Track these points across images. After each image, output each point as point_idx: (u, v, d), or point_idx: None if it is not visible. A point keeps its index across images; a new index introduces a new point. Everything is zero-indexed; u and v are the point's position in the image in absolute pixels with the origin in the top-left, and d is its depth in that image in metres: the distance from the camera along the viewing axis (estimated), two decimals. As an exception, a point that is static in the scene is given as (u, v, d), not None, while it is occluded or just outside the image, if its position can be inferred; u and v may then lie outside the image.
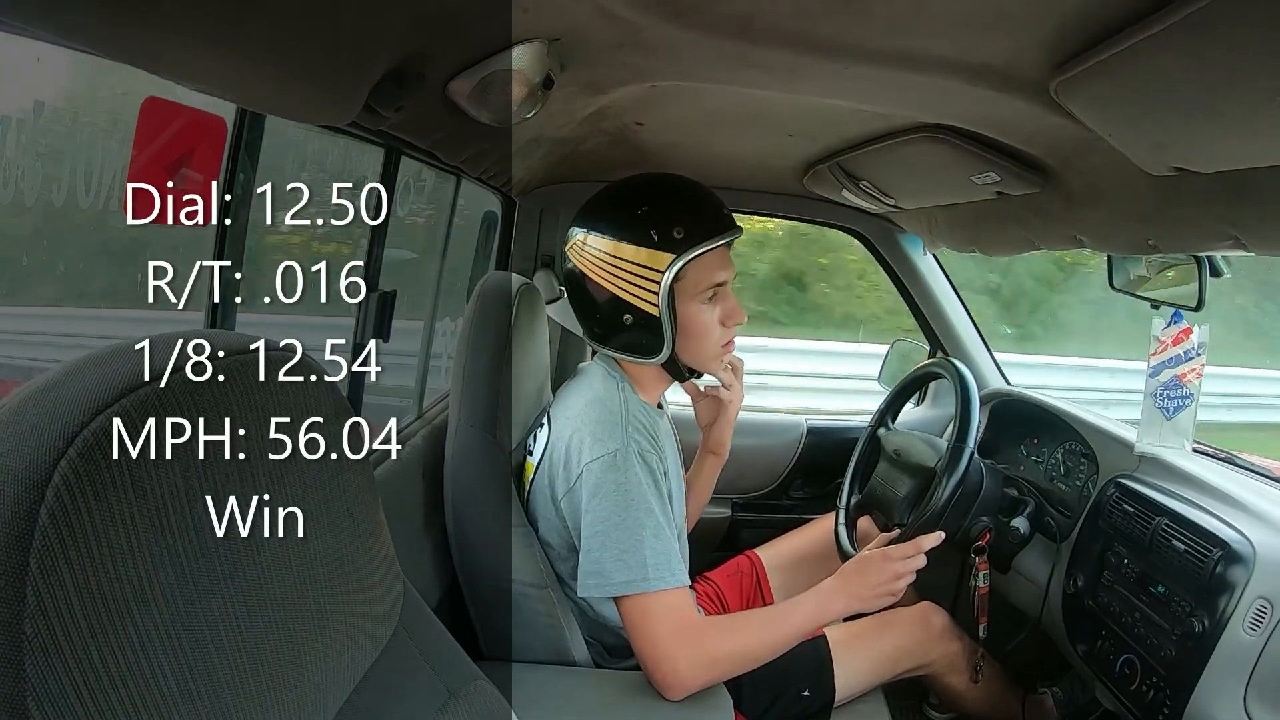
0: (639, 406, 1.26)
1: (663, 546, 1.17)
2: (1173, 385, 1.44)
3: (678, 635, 1.16)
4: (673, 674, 1.16)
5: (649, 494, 1.18)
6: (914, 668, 1.45)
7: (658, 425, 1.27)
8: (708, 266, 1.23)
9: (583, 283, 1.25)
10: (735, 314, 1.27)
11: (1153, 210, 1.06)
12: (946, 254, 1.96)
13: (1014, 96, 0.90)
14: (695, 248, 1.20)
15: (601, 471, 1.18)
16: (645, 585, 1.16)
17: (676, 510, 1.30)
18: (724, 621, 1.24)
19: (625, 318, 1.23)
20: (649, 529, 1.17)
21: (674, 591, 1.17)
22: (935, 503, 1.38)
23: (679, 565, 1.19)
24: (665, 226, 1.20)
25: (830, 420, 2.09)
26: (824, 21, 0.82)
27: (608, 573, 1.17)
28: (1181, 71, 0.67)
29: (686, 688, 1.16)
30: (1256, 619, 1.07)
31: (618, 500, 1.17)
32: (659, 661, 1.16)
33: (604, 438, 1.19)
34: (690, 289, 1.23)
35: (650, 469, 1.19)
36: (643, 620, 1.17)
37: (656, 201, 1.23)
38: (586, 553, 1.18)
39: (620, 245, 1.21)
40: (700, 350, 1.28)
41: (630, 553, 1.16)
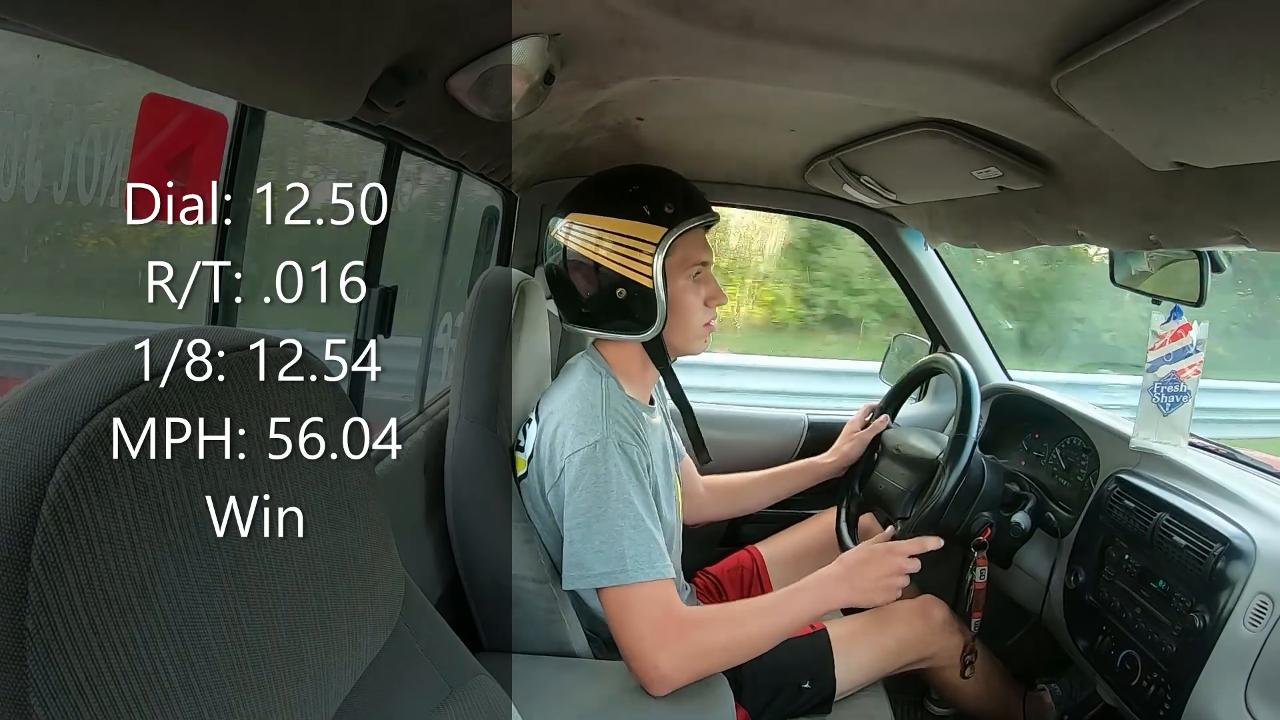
0: (621, 400, 1.27)
1: (642, 538, 1.17)
2: (1170, 381, 1.43)
3: (658, 628, 1.15)
4: (653, 668, 1.15)
5: (629, 485, 1.18)
6: (915, 661, 1.46)
7: (641, 419, 1.28)
8: (693, 245, 1.29)
9: (572, 264, 1.27)
10: (717, 295, 1.33)
11: (1154, 205, 1.05)
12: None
13: (1015, 91, 0.90)
14: (685, 222, 1.26)
15: (581, 463, 1.19)
16: (623, 577, 1.16)
17: (665, 506, 1.30)
18: (715, 612, 1.23)
19: (619, 292, 1.26)
20: (629, 520, 1.17)
21: (654, 584, 1.17)
22: (939, 494, 1.38)
23: (660, 558, 1.18)
24: (656, 203, 1.26)
25: (831, 415, 2.08)
26: (825, 16, 0.82)
27: (587, 564, 1.17)
28: (1183, 66, 0.67)
29: (670, 682, 1.15)
30: (1257, 615, 1.08)
31: (596, 491, 1.18)
32: (640, 655, 1.15)
33: (585, 430, 1.21)
34: (678, 265, 1.28)
35: (631, 461, 1.20)
36: (622, 612, 1.17)
37: (645, 182, 1.28)
38: (569, 544, 1.19)
39: (613, 220, 1.25)
40: (686, 328, 1.31)
41: (609, 544, 1.16)
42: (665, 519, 1.29)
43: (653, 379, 1.37)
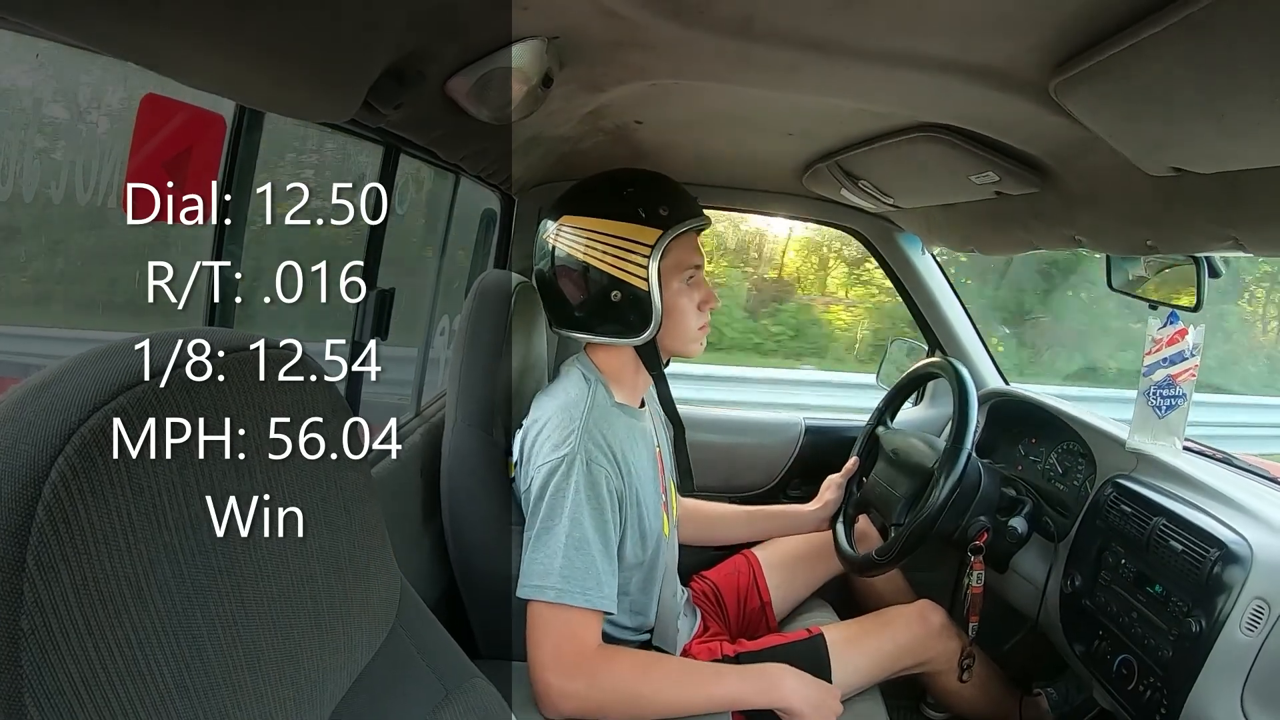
0: (606, 409, 1.25)
1: (582, 561, 1.15)
2: (1166, 385, 1.45)
3: (561, 653, 1.13)
4: (544, 689, 1.13)
5: (583, 506, 1.17)
6: (912, 666, 1.46)
7: (623, 426, 1.26)
8: (686, 248, 1.28)
9: (565, 267, 1.26)
10: (710, 299, 1.32)
11: (1151, 211, 1.06)
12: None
13: (1013, 97, 0.90)
14: (680, 225, 1.25)
15: (546, 475, 1.18)
16: (546, 594, 1.14)
17: (650, 514, 1.28)
18: (629, 658, 1.20)
19: (614, 294, 1.24)
20: (572, 541, 1.15)
21: (576, 611, 1.14)
22: (932, 504, 1.39)
23: (595, 587, 1.15)
24: (651, 205, 1.25)
25: (828, 419, 2.09)
26: (824, 21, 0.82)
27: (525, 574, 1.16)
28: (1181, 72, 0.67)
29: (558, 709, 1.13)
30: (1253, 619, 1.08)
31: (550, 505, 1.17)
32: (535, 670, 1.14)
33: (559, 443, 1.20)
34: (673, 268, 1.27)
35: (594, 481, 1.18)
36: (533, 628, 1.15)
37: (640, 185, 1.27)
38: (524, 553, 1.18)
39: (608, 222, 1.24)
40: (680, 331, 1.30)
41: (548, 560, 1.15)
42: (650, 527, 1.27)
43: (645, 384, 1.35)
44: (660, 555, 1.31)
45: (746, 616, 1.60)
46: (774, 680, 1.21)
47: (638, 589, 1.29)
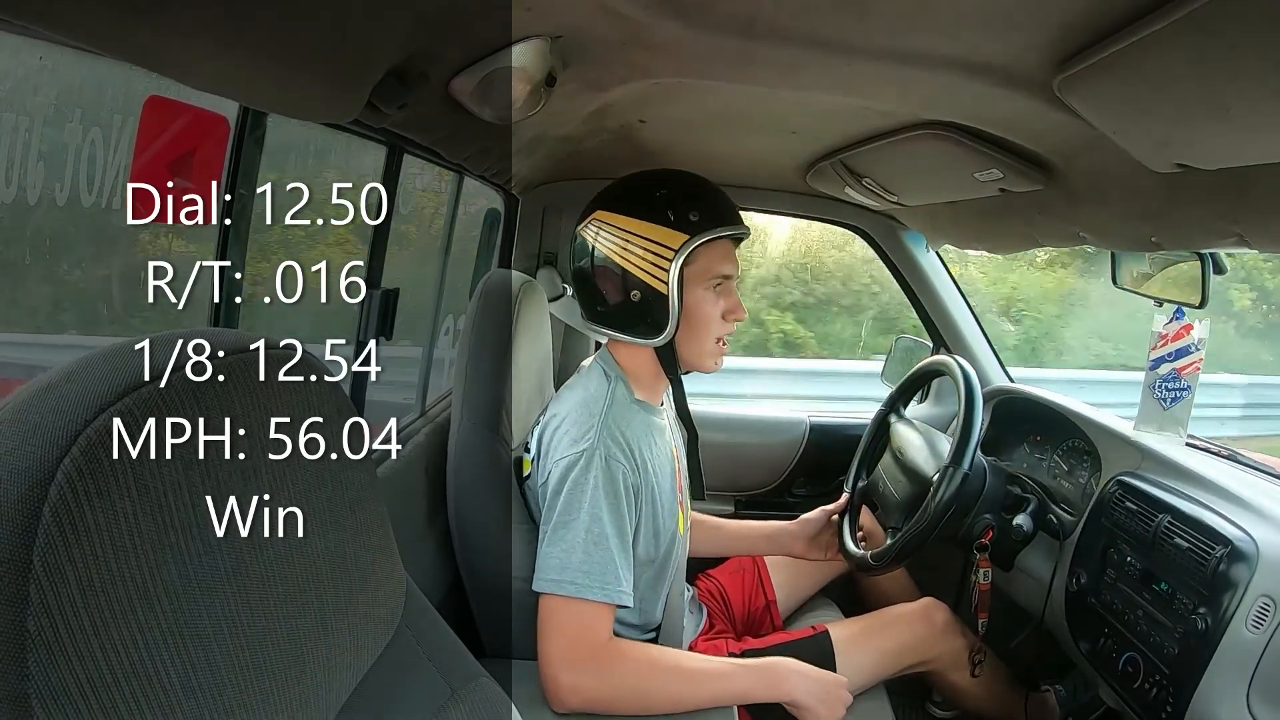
0: (626, 406, 1.25)
1: (600, 556, 1.15)
2: (1171, 378, 1.46)
3: (573, 646, 1.13)
4: (553, 684, 1.13)
5: (601, 501, 1.17)
6: (917, 664, 1.45)
7: (641, 423, 1.26)
8: (716, 256, 1.25)
9: (593, 260, 1.26)
10: (737, 309, 1.29)
11: (1156, 207, 1.05)
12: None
13: (1017, 94, 0.90)
14: (708, 232, 1.22)
15: (564, 470, 1.18)
16: (565, 589, 1.14)
17: (666, 513, 1.28)
18: (640, 653, 1.19)
19: (633, 294, 1.24)
20: (591, 535, 1.16)
21: (592, 605, 1.14)
22: (927, 517, 1.37)
23: (614, 581, 1.16)
24: (682, 209, 1.22)
25: (832, 418, 2.08)
26: (827, 19, 0.82)
27: (542, 567, 1.16)
28: (1185, 68, 0.67)
29: (566, 704, 1.13)
30: (1260, 617, 1.07)
31: (568, 501, 1.17)
32: (545, 665, 1.14)
33: (578, 438, 1.20)
34: (698, 275, 1.24)
35: (613, 476, 1.18)
36: (546, 621, 1.15)
37: (675, 187, 1.25)
38: (539, 547, 1.19)
39: (636, 222, 1.23)
40: (699, 341, 1.28)
41: (567, 554, 1.15)
42: (664, 524, 1.27)
43: (665, 385, 1.35)
44: (673, 553, 1.31)
45: (752, 614, 1.61)
46: (780, 674, 1.21)
47: (647, 586, 1.29)
